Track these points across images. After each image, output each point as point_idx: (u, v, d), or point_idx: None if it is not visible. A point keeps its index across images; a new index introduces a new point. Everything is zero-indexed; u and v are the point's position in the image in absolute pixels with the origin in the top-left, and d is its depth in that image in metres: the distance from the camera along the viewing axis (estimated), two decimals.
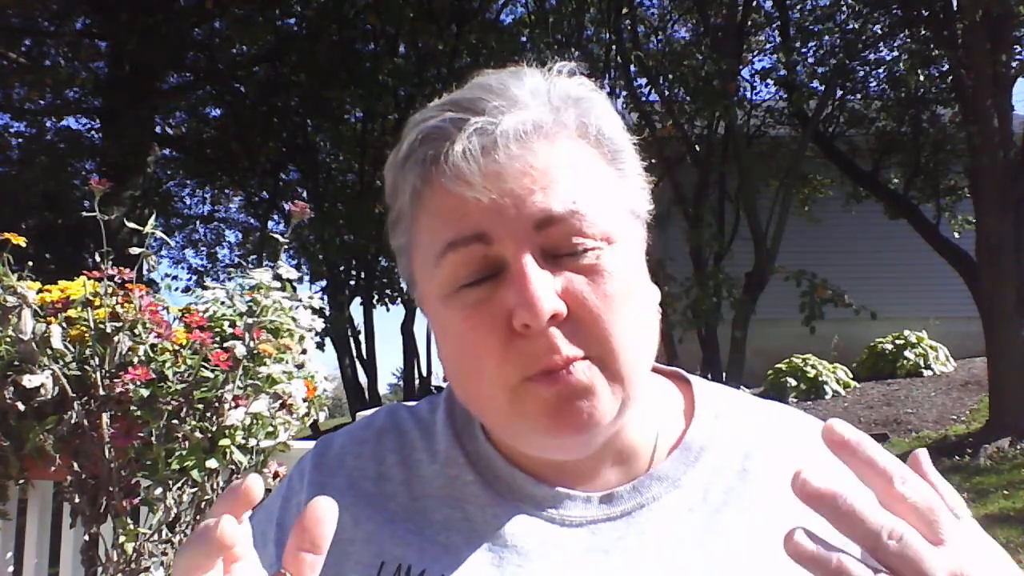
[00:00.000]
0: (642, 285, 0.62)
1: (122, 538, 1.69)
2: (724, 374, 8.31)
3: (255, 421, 1.75)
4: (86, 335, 1.71)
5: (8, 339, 1.68)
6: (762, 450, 0.67)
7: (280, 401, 1.81)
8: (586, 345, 0.57)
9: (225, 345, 1.71)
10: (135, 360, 1.71)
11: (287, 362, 1.86)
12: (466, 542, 0.63)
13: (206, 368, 1.71)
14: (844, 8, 8.45)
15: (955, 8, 6.97)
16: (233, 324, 1.87)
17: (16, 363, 1.67)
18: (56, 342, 1.67)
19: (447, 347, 0.62)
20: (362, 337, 11.79)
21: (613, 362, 0.57)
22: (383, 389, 18.46)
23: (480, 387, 0.59)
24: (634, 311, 0.60)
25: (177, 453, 1.67)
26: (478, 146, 0.56)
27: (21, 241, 1.75)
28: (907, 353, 9.55)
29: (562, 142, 0.59)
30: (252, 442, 1.76)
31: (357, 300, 11.41)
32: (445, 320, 0.60)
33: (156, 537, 1.73)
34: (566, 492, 0.64)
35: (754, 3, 9.21)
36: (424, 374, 12.71)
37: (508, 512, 0.64)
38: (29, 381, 1.64)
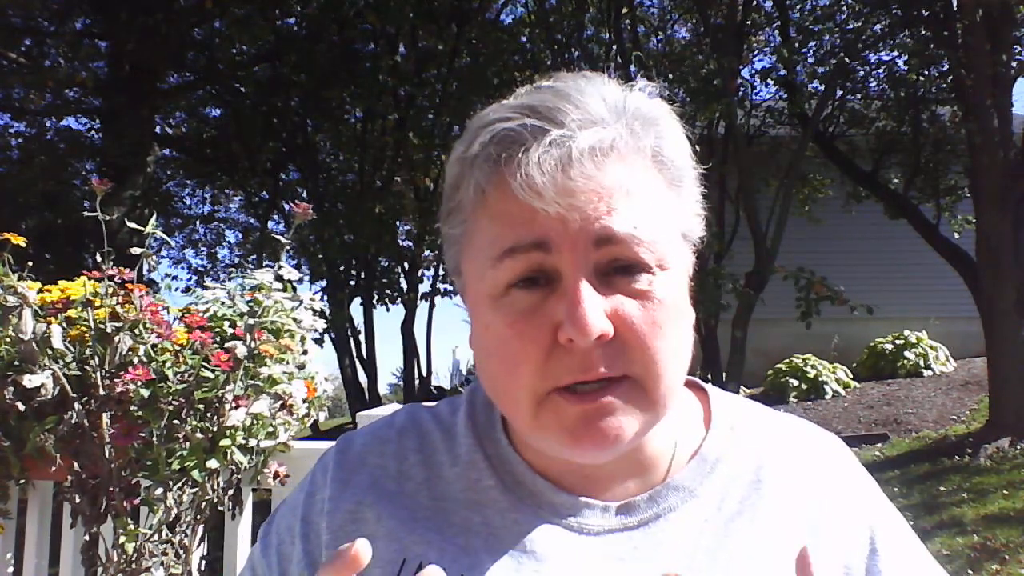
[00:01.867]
0: (685, 309, 0.63)
1: (122, 538, 1.68)
2: (724, 374, 8.32)
3: (255, 421, 1.75)
4: (86, 335, 1.71)
5: (8, 339, 1.68)
6: (775, 462, 0.69)
7: (281, 402, 1.81)
8: (628, 367, 0.57)
9: (226, 346, 1.71)
10: (135, 360, 1.70)
11: (288, 363, 1.86)
12: (485, 546, 0.63)
13: (207, 368, 1.71)
14: (844, 8, 8.45)
15: (955, 8, 6.97)
16: (233, 324, 1.86)
17: (16, 363, 1.67)
18: (56, 342, 1.67)
19: (487, 346, 0.62)
20: (362, 337, 11.79)
21: (653, 386, 0.58)
22: (383, 389, 18.44)
23: (511, 391, 0.60)
24: (677, 337, 0.61)
25: (178, 453, 1.67)
26: (555, 160, 0.56)
27: (21, 241, 1.75)
28: (907, 353, 9.56)
29: (632, 164, 0.59)
30: (252, 442, 1.76)
31: (357, 300, 11.41)
32: (490, 320, 0.60)
33: (156, 537, 1.73)
34: (585, 501, 0.65)
35: (754, 3, 9.21)
36: (424, 374, 12.70)
37: (527, 518, 0.65)
38: (29, 381, 1.64)
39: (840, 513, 0.67)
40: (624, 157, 0.59)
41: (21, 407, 1.67)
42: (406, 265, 11.73)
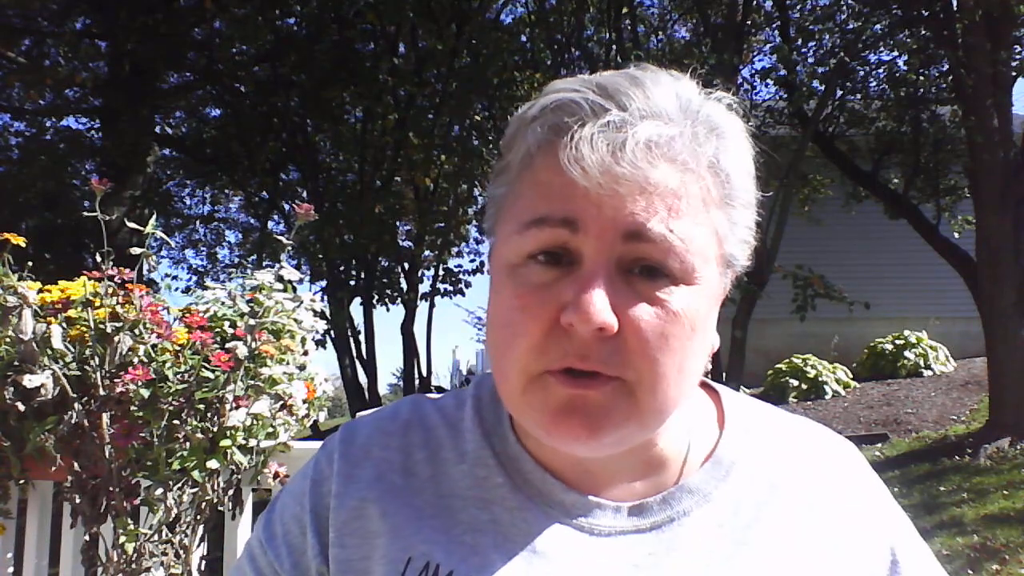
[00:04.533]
0: (703, 333, 0.60)
1: (122, 538, 1.68)
2: (724, 374, 8.31)
3: (256, 422, 1.75)
4: (86, 335, 1.71)
5: (8, 339, 1.68)
6: (791, 467, 0.67)
7: (281, 402, 1.81)
8: (622, 368, 0.55)
9: (227, 346, 1.71)
10: (135, 360, 1.70)
11: (288, 363, 1.86)
12: (494, 545, 0.62)
13: (207, 369, 1.71)
14: (844, 8, 8.44)
15: (955, 8, 6.97)
16: (234, 325, 1.86)
17: (16, 363, 1.67)
18: (56, 342, 1.67)
19: (495, 313, 0.61)
20: (362, 337, 11.79)
21: (644, 395, 0.56)
22: (383, 389, 18.46)
23: (506, 363, 0.59)
24: (685, 353, 0.57)
25: (178, 453, 1.67)
26: (606, 140, 0.54)
27: (21, 241, 1.75)
28: (907, 353, 9.56)
29: (686, 168, 0.57)
30: (252, 443, 1.76)
31: (357, 300, 11.40)
32: (503, 287, 0.59)
33: (156, 537, 1.73)
34: (596, 501, 0.64)
35: (754, 3, 9.20)
36: (424, 374, 12.71)
37: (537, 518, 0.63)
38: (29, 381, 1.64)
39: (859, 522, 0.65)
40: (678, 159, 0.56)
41: (21, 407, 1.67)
42: (406, 265, 11.73)
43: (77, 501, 1.73)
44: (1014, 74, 7.01)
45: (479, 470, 0.66)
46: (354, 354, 11.50)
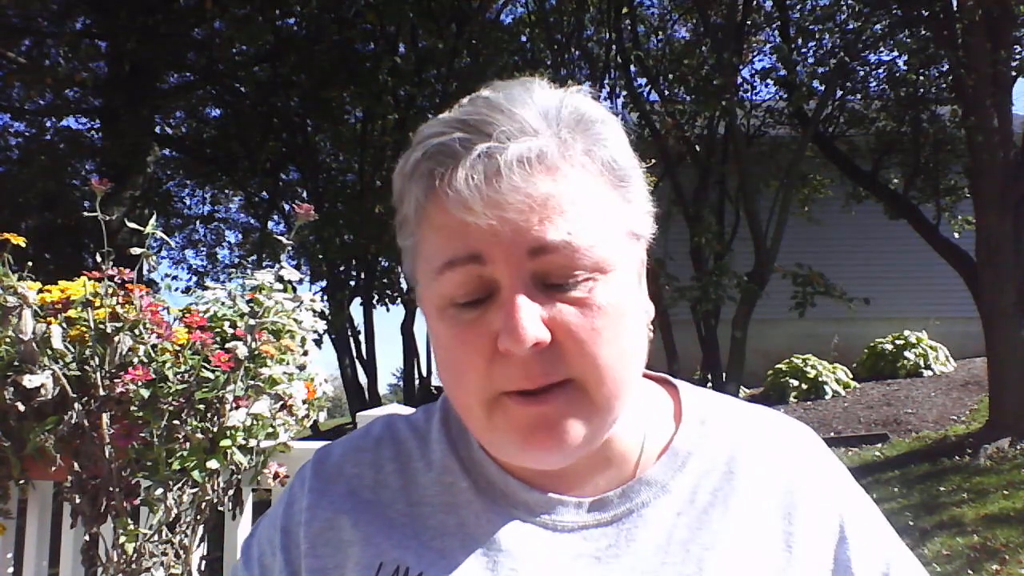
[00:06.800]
0: (634, 309, 0.63)
1: (122, 538, 1.68)
2: (724, 374, 8.31)
3: (256, 422, 1.75)
4: (86, 335, 1.71)
5: (8, 339, 1.68)
6: (747, 452, 0.70)
7: (281, 402, 1.81)
8: (567, 371, 0.58)
9: (227, 346, 1.71)
10: (135, 360, 1.70)
11: (288, 363, 1.86)
12: (461, 548, 0.65)
13: (207, 369, 1.71)
14: (844, 8, 8.45)
15: (955, 8, 6.97)
16: (234, 325, 1.86)
17: (16, 363, 1.67)
18: (56, 342, 1.67)
19: (438, 355, 0.64)
20: (362, 337, 11.80)
21: (595, 389, 0.59)
22: (383, 389, 18.46)
23: (462, 397, 0.62)
24: (622, 339, 0.60)
25: (178, 454, 1.67)
26: (481, 173, 0.57)
27: (21, 241, 1.75)
28: (907, 353, 9.56)
29: (565, 171, 0.59)
30: (252, 443, 1.76)
31: (357, 300, 11.41)
32: (438, 330, 0.62)
33: (156, 537, 1.73)
34: (558, 498, 0.66)
35: (754, 3, 9.20)
36: (424, 374, 12.71)
37: (501, 518, 0.66)
38: (29, 381, 1.64)
39: (811, 501, 0.67)
40: (555, 165, 0.59)
41: (21, 407, 1.67)
42: None
43: (77, 501, 1.73)
44: (1014, 74, 7.01)
45: (446, 477, 0.69)
46: (354, 354, 11.51)
